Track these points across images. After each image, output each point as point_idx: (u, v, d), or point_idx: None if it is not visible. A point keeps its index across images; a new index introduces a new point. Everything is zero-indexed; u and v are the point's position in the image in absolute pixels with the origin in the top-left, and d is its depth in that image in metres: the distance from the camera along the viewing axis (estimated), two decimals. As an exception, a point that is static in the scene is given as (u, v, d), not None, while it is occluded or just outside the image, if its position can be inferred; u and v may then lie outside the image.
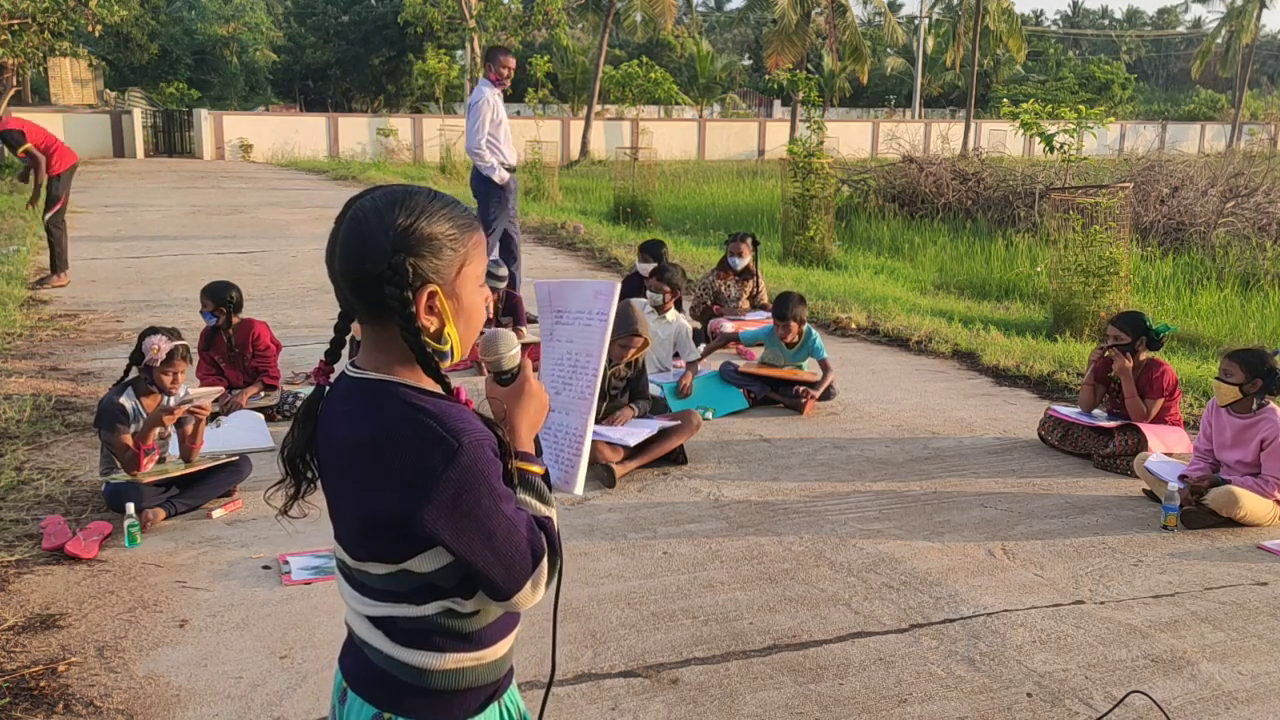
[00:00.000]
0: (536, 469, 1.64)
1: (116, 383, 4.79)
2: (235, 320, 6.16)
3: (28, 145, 9.75)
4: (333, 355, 1.65)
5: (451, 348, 1.58)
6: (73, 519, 4.53)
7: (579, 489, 1.93)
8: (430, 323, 1.54)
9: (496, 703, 1.65)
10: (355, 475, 1.52)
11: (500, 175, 8.53)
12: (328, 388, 1.63)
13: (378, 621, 1.58)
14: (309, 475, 1.63)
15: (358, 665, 1.61)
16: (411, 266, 1.50)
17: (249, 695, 3.25)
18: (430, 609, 1.55)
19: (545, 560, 1.56)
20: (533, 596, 1.55)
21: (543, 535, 1.57)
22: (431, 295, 1.53)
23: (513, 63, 8.66)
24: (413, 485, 1.46)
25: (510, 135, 8.76)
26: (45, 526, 4.37)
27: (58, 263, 10.02)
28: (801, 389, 6.55)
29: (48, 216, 9.90)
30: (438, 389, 1.57)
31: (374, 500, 1.50)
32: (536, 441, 1.72)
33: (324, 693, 3.26)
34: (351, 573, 1.60)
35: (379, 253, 1.49)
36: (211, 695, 3.24)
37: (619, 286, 2.04)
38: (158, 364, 4.65)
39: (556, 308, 2.08)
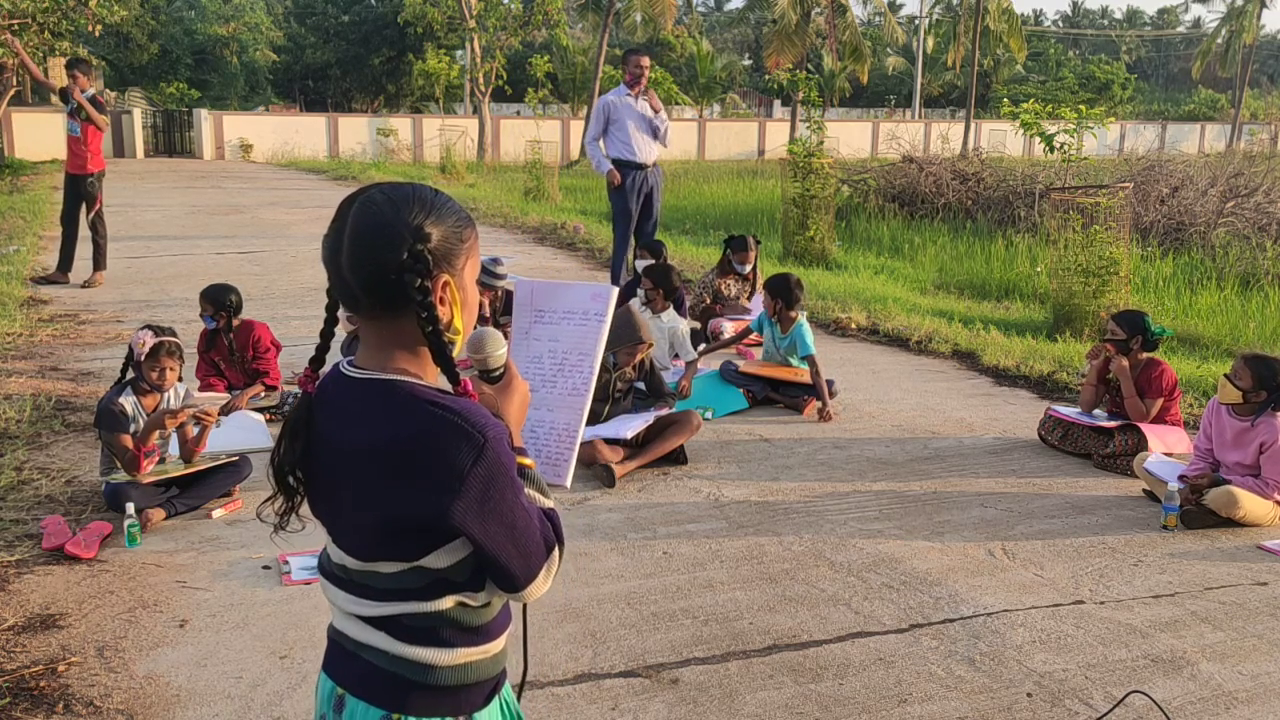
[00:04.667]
0: (530, 462, 1.67)
1: (115, 383, 4.79)
2: (235, 323, 6.15)
3: (97, 121, 9.94)
4: (318, 362, 1.65)
5: (456, 339, 1.60)
6: (73, 519, 4.53)
7: (568, 481, 1.95)
8: (444, 313, 1.56)
9: (498, 697, 1.67)
10: (375, 477, 1.52)
11: (602, 170, 9.37)
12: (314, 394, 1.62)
13: (379, 622, 1.57)
14: (300, 487, 1.62)
15: (356, 670, 1.60)
16: (430, 254, 1.52)
17: (249, 695, 3.25)
18: (441, 604, 1.56)
19: (556, 550, 1.61)
20: (544, 585, 1.60)
21: (549, 525, 1.61)
22: (445, 285, 1.55)
23: (638, 60, 9.19)
24: (443, 482, 1.47)
25: (631, 134, 9.15)
26: (45, 526, 4.37)
27: (101, 260, 10.27)
28: (806, 398, 6.53)
29: (90, 216, 10.18)
30: (442, 384, 1.58)
31: (401, 500, 1.50)
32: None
33: (324, 693, 3.26)
34: (351, 576, 1.59)
35: (399, 241, 1.50)
36: (211, 695, 3.24)
37: (617, 290, 2.03)
38: (142, 358, 4.64)
39: (537, 307, 2.08)
